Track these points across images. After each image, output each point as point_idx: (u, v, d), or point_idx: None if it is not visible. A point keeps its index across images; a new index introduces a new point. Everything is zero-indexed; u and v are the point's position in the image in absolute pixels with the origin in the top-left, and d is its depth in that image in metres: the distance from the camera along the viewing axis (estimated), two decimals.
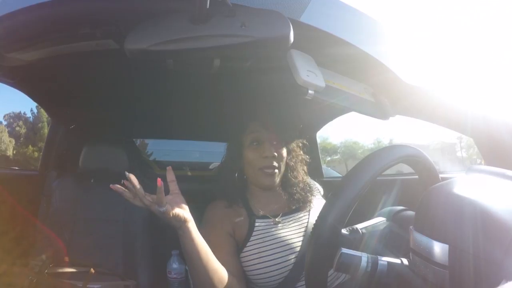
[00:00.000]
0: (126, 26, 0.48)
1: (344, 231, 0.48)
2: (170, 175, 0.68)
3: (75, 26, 0.57)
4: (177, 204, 0.65)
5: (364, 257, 0.44)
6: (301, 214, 0.85)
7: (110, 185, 0.62)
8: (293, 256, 0.76)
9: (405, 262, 0.43)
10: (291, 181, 0.85)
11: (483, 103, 0.63)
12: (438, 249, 0.37)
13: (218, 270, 0.67)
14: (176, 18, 0.47)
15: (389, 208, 0.58)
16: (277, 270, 0.74)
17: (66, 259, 1.11)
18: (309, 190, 0.87)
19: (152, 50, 0.46)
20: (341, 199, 0.44)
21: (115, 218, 1.24)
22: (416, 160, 0.51)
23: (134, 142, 1.74)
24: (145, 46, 0.46)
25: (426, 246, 0.38)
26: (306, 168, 0.90)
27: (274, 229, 0.79)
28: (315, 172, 1.50)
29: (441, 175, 0.52)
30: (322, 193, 1.00)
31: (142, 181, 1.45)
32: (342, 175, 1.87)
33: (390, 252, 0.49)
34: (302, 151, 0.90)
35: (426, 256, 0.38)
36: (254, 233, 0.78)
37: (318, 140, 1.60)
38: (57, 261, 1.09)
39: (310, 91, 0.58)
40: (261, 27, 0.46)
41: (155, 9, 0.51)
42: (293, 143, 0.87)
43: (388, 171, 0.48)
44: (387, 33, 0.63)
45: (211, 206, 0.83)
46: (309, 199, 0.85)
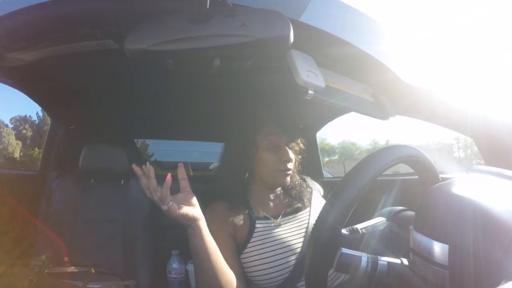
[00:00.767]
0: (126, 26, 0.48)
1: (344, 231, 0.48)
2: (181, 173, 0.66)
3: (75, 26, 0.57)
4: (186, 201, 0.64)
5: (364, 257, 0.44)
6: (301, 215, 0.85)
7: (133, 164, 0.62)
8: (293, 257, 0.76)
9: (405, 262, 0.43)
10: (292, 182, 0.87)
11: (483, 103, 0.63)
12: (438, 249, 0.37)
13: (226, 272, 0.66)
14: (176, 18, 0.47)
15: (389, 208, 0.58)
16: (277, 271, 0.74)
17: (66, 259, 1.11)
18: (303, 186, 0.90)
19: (152, 50, 0.46)
20: (341, 200, 0.44)
21: (115, 218, 1.24)
22: (416, 160, 0.51)
23: (134, 142, 1.74)
24: (145, 46, 0.46)
25: (426, 246, 0.38)
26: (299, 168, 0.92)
27: (275, 230, 0.79)
28: (315, 172, 1.50)
29: (441, 175, 0.52)
30: (322, 193, 1.00)
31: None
32: (335, 176, 1.87)
33: (390, 252, 0.49)
34: (299, 155, 0.91)
35: (426, 256, 0.38)
36: (254, 234, 0.78)
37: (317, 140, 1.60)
38: (57, 261, 1.09)
39: (310, 91, 0.58)
40: (261, 27, 0.46)
41: (155, 9, 0.51)
42: (296, 146, 0.88)
43: (388, 171, 0.48)
44: (387, 33, 0.63)
45: (212, 207, 0.82)
46: (306, 196, 0.88)
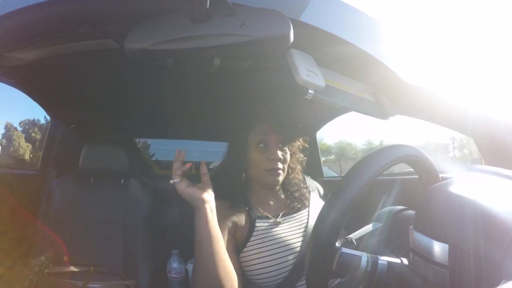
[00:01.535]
0: (126, 26, 0.48)
1: (337, 244, 0.47)
2: (203, 169, 0.72)
3: (75, 25, 0.57)
4: (200, 186, 0.69)
5: (364, 256, 0.44)
6: (300, 214, 0.85)
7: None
8: (293, 256, 0.76)
9: (405, 262, 0.43)
10: (292, 182, 0.88)
11: (483, 103, 0.63)
12: (438, 249, 0.37)
13: (225, 260, 0.67)
14: (176, 17, 0.47)
15: (389, 208, 0.58)
16: (277, 270, 0.74)
17: (66, 259, 1.11)
18: (305, 187, 0.91)
19: (152, 50, 0.46)
20: (340, 199, 0.44)
21: (115, 218, 1.24)
22: (416, 159, 0.51)
23: (134, 141, 1.74)
24: (145, 46, 0.46)
25: (426, 246, 0.38)
26: (301, 167, 0.93)
27: (275, 229, 0.80)
28: (315, 172, 1.50)
29: (441, 175, 0.52)
30: (322, 192, 1.01)
31: (142, 180, 1.45)
32: (335, 176, 1.87)
33: (390, 252, 0.49)
34: (302, 154, 0.92)
35: (426, 256, 0.38)
36: (254, 233, 0.78)
37: None
38: (57, 260, 1.09)
39: (310, 91, 0.58)
40: (261, 27, 0.46)
41: (155, 8, 0.51)
42: (295, 146, 0.89)
43: (387, 171, 0.48)
44: (387, 32, 0.63)
45: None
46: (306, 196, 0.89)
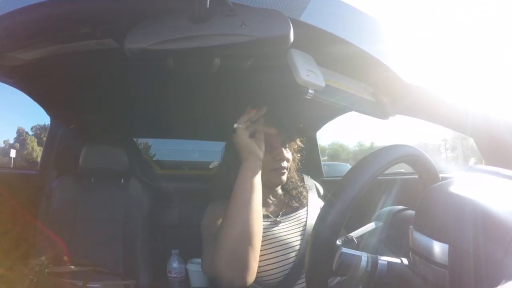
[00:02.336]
0: (126, 25, 0.48)
1: (338, 242, 0.47)
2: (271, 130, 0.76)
3: (75, 25, 0.57)
4: (258, 141, 0.71)
5: (364, 256, 0.44)
6: (299, 213, 0.86)
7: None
8: (293, 254, 0.77)
9: (405, 261, 0.43)
10: (289, 181, 0.89)
11: (483, 103, 0.63)
12: (438, 248, 0.37)
13: (259, 216, 0.66)
14: (176, 17, 0.47)
15: (388, 207, 0.58)
16: (278, 268, 0.74)
17: (66, 259, 1.11)
18: (302, 185, 0.92)
19: (152, 49, 0.46)
20: (340, 200, 0.44)
21: (115, 217, 1.24)
22: (416, 159, 0.51)
23: (134, 141, 1.74)
24: (145, 45, 0.46)
25: (426, 245, 0.38)
26: (297, 167, 0.94)
27: (275, 227, 0.80)
28: (315, 172, 1.50)
29: (441, 175, 0.52)
30: (321, 192, 1.01)
31: (142, 180, 1.45)
32: (335, 176, 1.88)
33: (390, 251, 0.49)
34: (299, 154, 0.92)
35: (426, 255, 0.38)
36: None
37: None
38: (57, 260, 1.09)
39: (310, 91, 0.58)
40: (261, 26, 0.46)
41: (155, 8, 0.51)
42: (294, 146, 0.90)
43: (387, 171, 0.48)
44: (387, 32, 0.63)
45: (213, 204, 0.83)
46: (303, 195, 0.90)
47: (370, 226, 0.54)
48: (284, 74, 0.58)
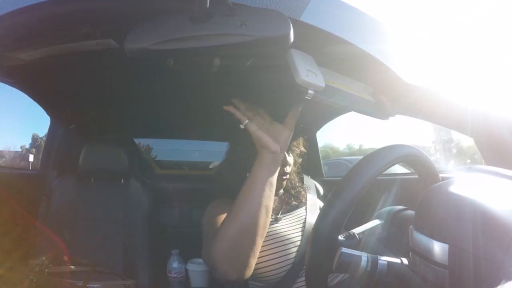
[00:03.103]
0: (126, 25, 0.48)
1: (340, 238, 0.47)
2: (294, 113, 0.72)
3: (75, 25, 0.57)
4: (274, 131, 0.66)
5: (364, 256, 0.44)
6: (299, 211, 0.87)
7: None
8: (294, 251, 0.78)
9: (405, 261, 0.43)
10: (289, 182, 0.89)
11: (483, 103, 0.63)
12: (438, 248, 0.37)
13: (269, 212, 0.63)
14: (176, 17, 0.47)
15: (388, 207, 0.58)
16: (279, 263, 0.75)
17: (66, 259, 1.11)
18: (300, 186, 0.92)
19: (152, 49, 0.46)
20: (340, 200, 0.44)
21: (115, 217, 1.24)
22: (416, 159, 0.51)
23: (134, 141, 1.74)
24: (145, 45, 0.46)
25: (426, 245, 0.38)
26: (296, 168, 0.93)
27: (275, 225, 0.81)
28: (315, 172, 1.50)
29: (441, 175, 0.52)
30: (321, 192, 1.01)
31: (142, 180, 1.45)
32: (335, 176, 1.88)
33: (389, 251, 0.49)
34: (300, 158, 0.91)
35: (426, 255, 0.38)
36: None
37: None
38: (57, 260, 1.09)
39: (310, 91, 0.57)
40: (261, 26, 0.46)
41: (155, 8, 0.51)
42: (297, 151, 0.89)
43: (387, 171, 0.48)
44: (387, 32, 0.63)
45: (214, 203, 0.83)
46: (302, 194, 0.91)
47: (373, 223, 0.54)
48: (284, 74, 0.58)
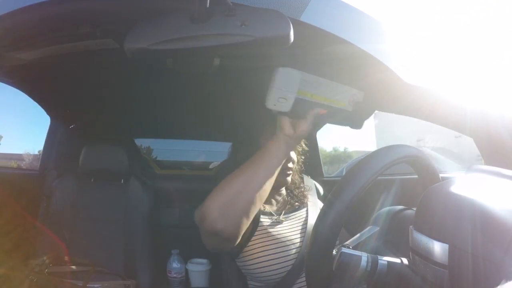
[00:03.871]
0: (126, 25, 0.48)
1: (334, 252, 0.46)
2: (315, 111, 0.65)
3: (75, 25, 0.57)
4: (298, 123, 0.63)
5: (364, 256, 0.44)
6: (300, 212, 0.88)
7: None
8: (294, 251, 0.78)
9: (405, 261, 0.43)
10: (293, 182, 0.90)
11: (482, 102, 0.63)
12: (438, 248, 0.37)
13: (271, 182, 0.62)
14: (176, 17, 0.47)
15: (388, 208, 0.58)
16: (279, 263, 0.76)
17: (66, 259, 1.11)
18: (303, 186, 0.94)
19: (152, 49, 0.46)
20: (340, 200, 0.44)
21: (115, 217, 1.24)
22: (416, 160, 0.51)
23: (134, 141, 1.74)
24: (145, 45, 0.46)
25: (426, 245, 0.38)
26: (299, 168, 0.94)
27: (277, 225, 0.82)
28: (315, 171, 1.50)
29: (441, 175, 0.52)
30: (321, 192, 1.01)
31: (142, 180, 1.45)
32: (335, 176, 1.88)
33: (389, 251, 0.49)
34: (302, 156, 0.93)
35: (426, 255, 0.38)
36: (258, 228, 0.80)
37: None
38: (57, 260, 1.09)
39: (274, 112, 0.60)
40: (261, 26, 0.46)
41: (155, 8, 0.51)
42: (299, 148, 0.90)
43: (387, 171, 0.48)
44: (387, 32, 0.63)
45: None
46: (304, 194, 0.92)
47: (368, 232, 0.53)
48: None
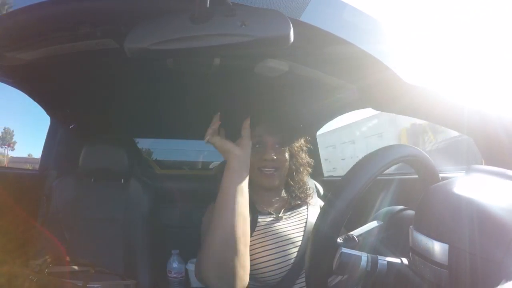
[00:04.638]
0: (126, 25, 0.48)
1: (339, 240, 0.47)
2: (246, 123, 0.73)
3: (75, 25, 0.57)
4: (237, 142, 0.70)
5: (364, 256, 0.44)
6: (300, 210, 0.87)
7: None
8: (294, 250, 0.78)
9: (404, 261, 0.43)
10: (294, 182, 0.89)
11: (482, 102, 0.63)
12: (438, 248, 0.37)
13: (245, 218, 0.63)
14: (176, 17, 0.47)
15: (388, 207, 0.58)
16: (279, 263, 0.75)
17: (66, 259, 1.11)
18: (307, 188, 0.91)
19: (152, 49, 0.46)
20: (340, 199, 0.44)
21: (115, 217, 1.24)
22: (416, 159, 0.51)
23: (134, 141, 1.74)
24: (145, 45, 0.46)
25: (426, 245, 0.38)
26: (305, 169, 0.92)
27: (276, 224, 0.81)
28: (315, 171, 1.50)
29: (441, 175, 0.52)
30: (321, 192, 1.01)
31: (142, 180, 1.45)
32: (335, 176, 1.87)
33: (389, 251, 0.49)
34: (306, 155, 0.91)
35: (426, 255, 0.38)
36: (256, 228, 0.79)
37: None
38: (57, 260, 1.09)
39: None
40: (261, 26, 0.46)
41: (155, 8, 0.51)
42: (297, 147, 0.89)
43: (387, 170, 0.48)
44: (387, 32, 0.63)
45: (212, 206, 0.83)
46: (308, 195, 0.90)
47: (372, 225, 0.54)
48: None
